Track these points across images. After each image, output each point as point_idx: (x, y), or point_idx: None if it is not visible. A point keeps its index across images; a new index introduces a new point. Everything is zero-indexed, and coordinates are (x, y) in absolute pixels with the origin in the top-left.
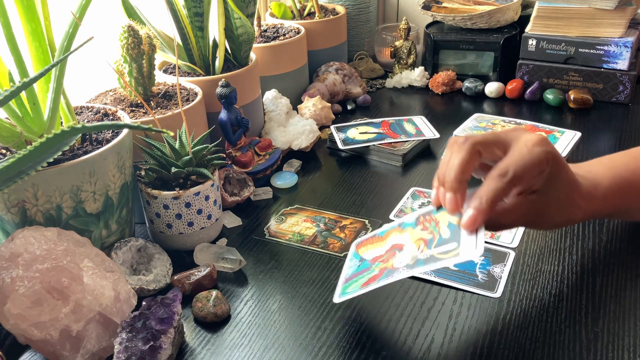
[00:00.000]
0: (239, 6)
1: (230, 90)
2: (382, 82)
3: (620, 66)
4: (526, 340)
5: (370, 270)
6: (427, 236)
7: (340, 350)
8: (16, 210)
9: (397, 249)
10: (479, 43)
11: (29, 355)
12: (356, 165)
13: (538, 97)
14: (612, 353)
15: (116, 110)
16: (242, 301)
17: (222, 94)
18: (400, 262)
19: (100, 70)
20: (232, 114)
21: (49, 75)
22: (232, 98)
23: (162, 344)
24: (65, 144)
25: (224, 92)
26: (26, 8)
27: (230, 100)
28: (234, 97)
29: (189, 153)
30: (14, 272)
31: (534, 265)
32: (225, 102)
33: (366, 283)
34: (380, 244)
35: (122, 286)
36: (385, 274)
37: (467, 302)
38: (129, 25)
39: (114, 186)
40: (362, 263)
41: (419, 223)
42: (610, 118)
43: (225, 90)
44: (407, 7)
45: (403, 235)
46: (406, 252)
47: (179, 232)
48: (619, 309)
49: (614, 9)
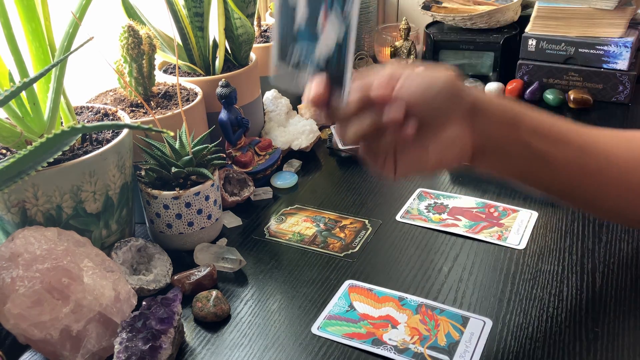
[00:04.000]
0: (239, 6)
1: (230, 90)
2: None
3: (620, 66)
4: (526, 340)
5: (357, 325)
6: (424, 332)
7: (340, 350)
8: (16, 210)
9: (392, 323)
10: (479, 43)
11: (29, 355)
12: (356, 165)
13: (538, 97)
14: (612, 353)
15: (116, 110)
16: (242, 301)
17: (222, 94)
18: (390, 338)
19: (100, 70)
20: (232, 114)
21: (49, 75)
22: (232, 98)
23: (162, 343)
24: (65, 144)
25: (224, 92)
26: (26, 8)
27: (230, 100)
28: (234, 97)
29: (189, 153)
30: (14, 272)
31: (534, 265)
32: (225, 102)
33: (350, 335)
34: (374, 304)
35: (122, 286)
36: (371, 342)
37: (467, 302)
38: (129, 25)
39: (114, 186)
40: (350, 311)
41: (420, 312)
42: (610, 118)
43: (225, 90)
44: (407, 7)
45: (400, 314)
46: (399, 332)
47: (179, 232)
48: (619, 309)
49: (613, 9)
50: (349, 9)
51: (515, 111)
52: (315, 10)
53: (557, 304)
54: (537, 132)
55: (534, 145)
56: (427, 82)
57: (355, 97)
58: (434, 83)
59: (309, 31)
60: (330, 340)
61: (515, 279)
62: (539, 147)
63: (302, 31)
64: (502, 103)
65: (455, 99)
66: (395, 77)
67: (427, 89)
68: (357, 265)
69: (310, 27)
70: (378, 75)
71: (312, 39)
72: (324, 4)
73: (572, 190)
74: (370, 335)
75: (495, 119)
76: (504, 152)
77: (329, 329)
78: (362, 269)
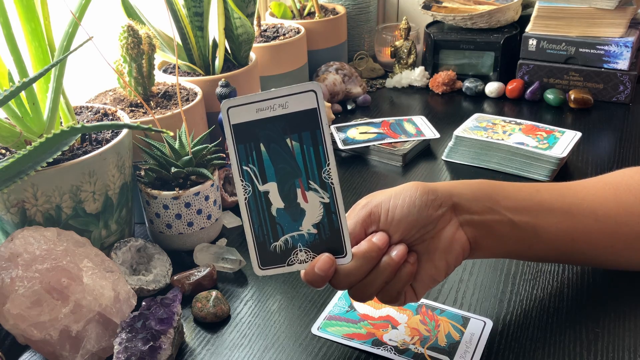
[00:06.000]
0: (238, 6)
1: (230, 90)
2: (382, 82)
3: (620, 66)
4: (526, 340)
5: (357, 325)
6: (424, 332)
7: (340, 351)
8: (16, 210)
9: (392, 323)
10: (479, 43)
11: (29, 355)
12: (356, 165)
13: (538, 97)
14: (612, 353)
15: (116, 110)
16: (242, 301)
17: (222, 93)
18: (390, 339)
19: (99, 70)
20: None
21: (49, 75)
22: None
23: (161, 344)
24: (64, 144)
25: (223, 92)
26: (26, 8)
27: None
28: (233, 96)
29: (188, 153)
30: (13, 272)
31: (534, 266)
32: None
33: (350, 336)
34: (374, 304)
35: (121, 286)
36: (371, 342)
37: (467, 302)
38: (129, 25)
39: (113, 186)
40: (350, 311)
41: (420, 312)
42: (610, 118)
43: (225, 90)
44: (407, 7)
45: (401, 314)
46: (399, 333)
47: (179, 232)
48: (619, 310)
49: (614, 8)
50: (328, 178)
51: (490, 194)
52: (291, 195)
53: (557, 305)
54: (517, 208)
55: (518, 221)
56: (406, 207)
57: (362, 262)
58: (411, 204)
59: (290, 214)
60: (330, 340)
61: (515, 280)
62: (523, 221)
63: (282, 215)
64: (476, 189)
65: (436, 206)
66: (374, 215)
67: (409, 214)
68: None
69: (290, 210)
70: (359, 219)
71: (296, 217)
72: (299, 188)
73: (567, 253)
74: (370, 336)
75: (475, 209)
76: (494, 235)
77: (329, 329)
78: None
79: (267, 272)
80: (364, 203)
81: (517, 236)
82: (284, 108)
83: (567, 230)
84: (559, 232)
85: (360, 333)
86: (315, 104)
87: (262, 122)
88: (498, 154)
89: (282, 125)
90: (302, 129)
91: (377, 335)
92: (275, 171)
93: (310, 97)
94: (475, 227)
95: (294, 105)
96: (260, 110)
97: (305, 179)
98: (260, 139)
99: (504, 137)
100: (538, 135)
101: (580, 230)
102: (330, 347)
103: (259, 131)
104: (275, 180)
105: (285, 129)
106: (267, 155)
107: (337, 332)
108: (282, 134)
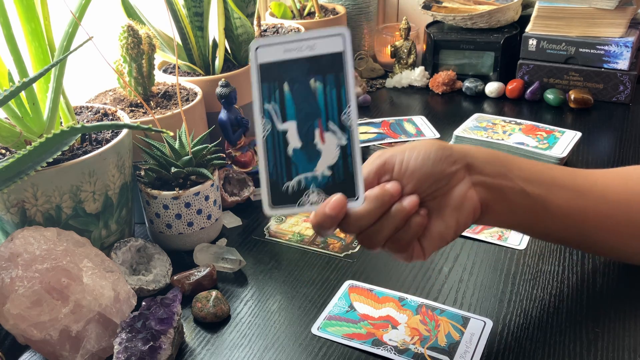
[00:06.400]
0: (238, 6)
1: (230, 90)
2: (382, 82)
3: (620, 66)
4: (526, 340)
5: (357, 325)
6: (424, 332)
7: (340, 351)
8: (16, 210)
9: (392, 323)
10: (479, 43)
11: (29, 355)
12: None
13: (538, 97)
14: (612, 353)
15: (116, 110)
16: (242, 301)
17: (222, 93)
18: (390, 339)
19: (99, 70)
20: (232, 114)
21: (49, 75)
22: (232, 98)
23: (161, 344)
24: (64, 144)
25: (223, 92)
26: (26, 8)
27: (230, 100)
28: (233, 97)
29: (188, 153)
30: (13, 272)
31: (534, 266)
32: (225, 102)
33: (350, 336)
34: (374, 304)
35: (121, 286)
36: (371, 342)
37: (467, 302)
38: (129, 25)
39: (113, 186)
40: (350, 312)
41: (420, 312)
42: (610, 118)
43: (225, 90)
44: (407, 7)
45: (401, 314)
46: (399, 333)
47: (179, 232)
48: (619, 310)
49: (614, 8)
50: (347, 120)
51: (504, 162)
52: (309, 135)
53: (557, 305)
54: (530, 179)
55: (530, 191)
56: (420, 159)
57: (373, 206)
58: (426, 157)
59: (306, 154)
60: (330, 340)
61: (515, 280)
62: (535, 192)
63: (298, 155)
64: (490, 155)
65: (450, 162)
66: (389, 164)
67: (423, 166)
68: (357, 265)
69: (306, 150)
70: (373, 167)
71: (312, 158)
72: (317, 128)
73: (575, 233)
74: (370, 336)
75: (488, 171)
76: (506, 201)
77: (329, 329)
78: (362, 269)
79: (277, 211)
80: (379, 154)
81: (528, 206)
82: (311, 50)
83: (577, 209)
84: (569, 210)
85: (360, 333)
86: (342, 47)
87: (289, 63)
88: None
89: (308, 66)
90: (327, 71)
91: (377, 335)
92: (296, 111)
93: (338, 40)
94: (487, 189)
95: (321, 47)
96: (288, 51)
97: (325, 119)
98: (285, 78)
99: (504, 137)
100: (538, 135)
101: (590, 212)
102: (330, 347)
103: (285, 71)
104: (295, 119)
105: (311, 70)
106: (290, 95)
107: (337, 332)
108: (307, 74)
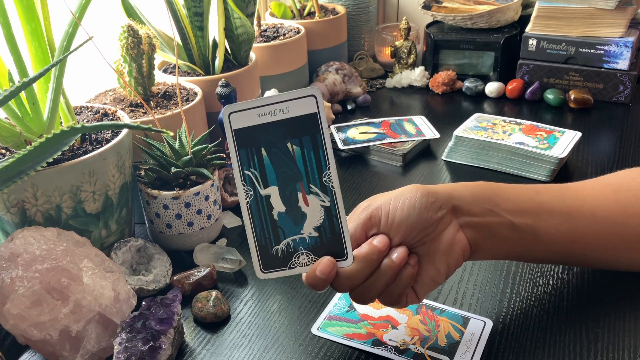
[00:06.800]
0: (238, 6)
1: (230, 90)
2: (382, 82)
3: (620, 66)
4: (526, 340)
5: (357, 325)
6: (424, 332)
7: (340, 351)
8: (16, 210)
9: (392, 323)
10: (479, 43)
11: (29, 355)
12: (356, 165)
13: (538, 97)
14: (612, 353)
15: (116, 110)
16: (242, 301)
17: (222, 93)
18: (390, 339)
19: (99, 70)
20: None
21: (49, 75)
22: (232, 98)
23: (161, 344)
24: (64, 144)
25: (223, 92)
26: (26, 8)
27: (230, 100)
28: (234, 97)
29: (188, 153)
30: (13, 272)
31: (534, 266)
32: (225, 102)
33: (350, 336)
34: (374, 304)
35: (121, 286)
36: (371, 342)
37: (467, 302)
38: (129, 25)
39: (113, 186)
40: (350, 311)
41: (420, 312)
42: (610, 118)
43: (225, 90)
44: (407, 7)
45: (400, 315)
46: (399, 333)
47: (179, 232)
48: (619, 309)
49: (614, 8)
50: (329, 182)
51: (490, 196)
52: (292, 199)
53: (557, 305)
54: (518, 210)
55: (518, 223)
56: (406, 209)
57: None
58: (411, 206)
59: (291, 217)
60: (330, 340)
61: (515, 280)
62: (524, 223)
63: (283, 219)
64: (476, 191)
65: (435, 208)
66: (375, 218)
67: (409, 216)
68: None
69: (291, 214)
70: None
71: (298, 221)
72: (300, 192)
73: (567, 254)
74: (370, 336)
75: (475, 211)
76: (495, 237)
77: (329, 329)
78: None
79: (269, 275)
80: (365, 206)
81: (518, 238)
82: (284, 113)
83: (566, 232)
84: (558, 234)
85: (360, 333)
86: (315, 108)
87: (263, 127)
88: (498, 154)
89: (283, 129)
90: (302, 133)
91: (377, 335)
92: (276, 175)
93: (310, 102)
94: (475, 229)
95: (294, 110)
96: (261, 116)
97: (306, 182)
98: (261, 143)
99: (504, 137)
100: (538, 135)
101: (580, 232)
102: (330, 347)
103: (260, 136)
104: (277, 184)
105: (286, 134)
106: (269, 160)
107: (337, 332)
108: (283, 138)
